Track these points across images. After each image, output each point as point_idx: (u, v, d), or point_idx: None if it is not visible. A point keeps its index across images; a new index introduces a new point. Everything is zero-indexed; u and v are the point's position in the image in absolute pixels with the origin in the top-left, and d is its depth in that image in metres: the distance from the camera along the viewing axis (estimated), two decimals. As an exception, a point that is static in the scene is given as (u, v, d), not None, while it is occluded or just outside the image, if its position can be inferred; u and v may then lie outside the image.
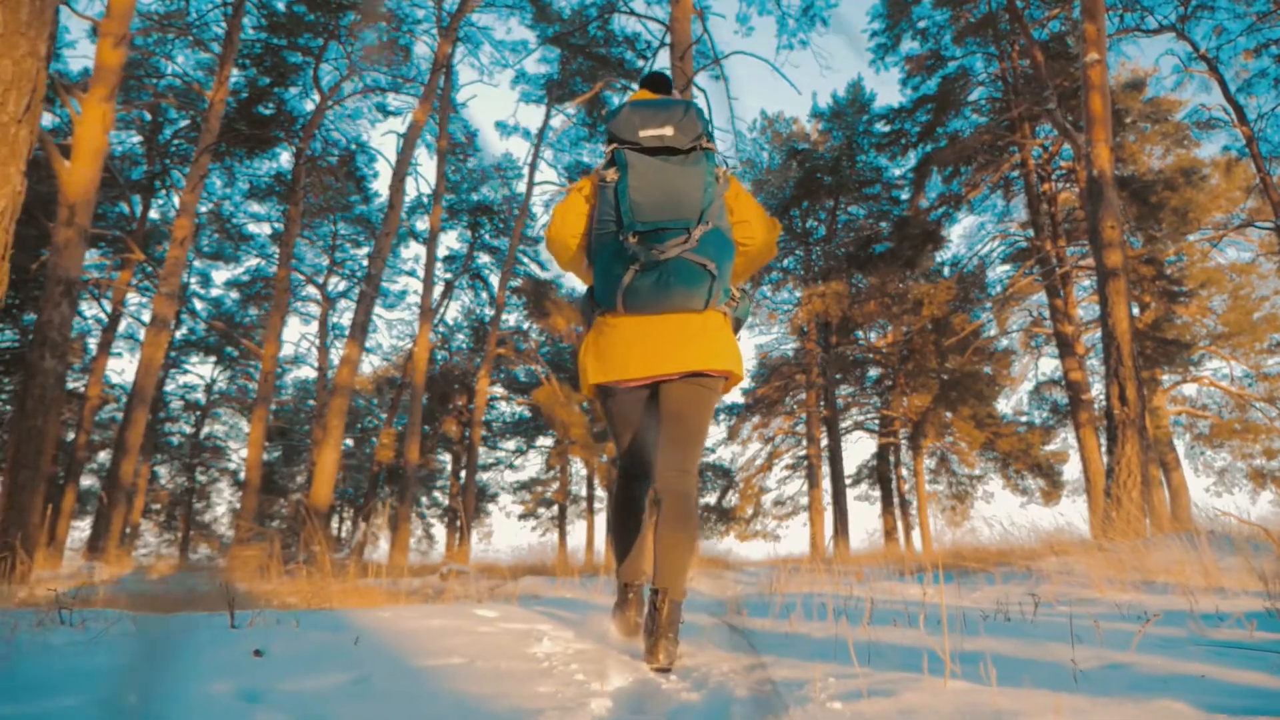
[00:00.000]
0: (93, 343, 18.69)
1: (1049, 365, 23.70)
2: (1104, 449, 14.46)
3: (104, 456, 21.41)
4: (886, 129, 17.66)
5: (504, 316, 20.01)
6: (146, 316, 16.00)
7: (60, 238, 5.88)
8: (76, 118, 6.17)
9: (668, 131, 1.77)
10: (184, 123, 16.61)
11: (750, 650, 1.66)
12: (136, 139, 17.25)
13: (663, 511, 1.65)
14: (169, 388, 22.97)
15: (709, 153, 1.79)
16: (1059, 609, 2.46)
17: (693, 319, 1.73)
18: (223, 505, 26.29)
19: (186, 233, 10.87)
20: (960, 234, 71.64)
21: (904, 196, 18.52)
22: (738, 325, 1.89)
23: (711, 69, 8.90)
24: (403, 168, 11.34)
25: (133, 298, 18.30)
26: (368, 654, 1.44)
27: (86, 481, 21.26)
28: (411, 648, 1.52)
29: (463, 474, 18.99)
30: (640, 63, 15.36)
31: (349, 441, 26.35)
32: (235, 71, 14.98)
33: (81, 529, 17.86)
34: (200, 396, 24.09)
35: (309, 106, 16.24)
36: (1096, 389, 18.41)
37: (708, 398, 1.75)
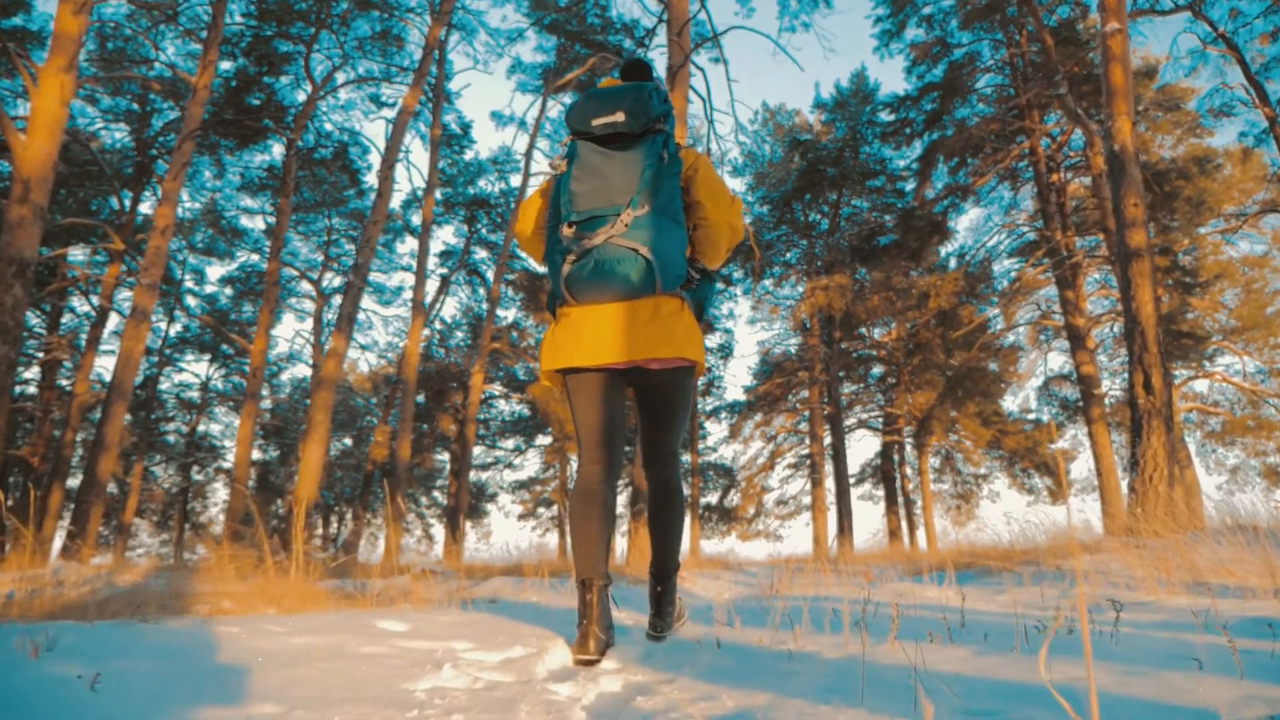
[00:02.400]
0: (82, 338, 18.36)
1: (1057, 361, 23.30)
2: (1115, 445, 14.08)
3: (95, 455, 21.07)
4: (891, 118, 17.26)
5: (502, 312, 19.64)
6: (134, 311, 15.64)
7: (13, 215, 5.50)
8: (33, 89, 5.80)
9: (619, 118, 1.73)
10: (174, 114, 16.28)
11: (738, 683, 1.25)
12: (125, 131, 16.93)
13: (648, 500, 1.64)
14: (163, 385, 22.62)
15: (660, 135, 1.74)
16: (1109, 616, 2.08)
17: (643, 305, 1.66)
18: (218, 505, 25.99)
19: (169, 221, 10.51)
20: (966, 226, 71.28)
21: (909, 188, 18.12)
22: (699, 309, 1.82)
23: (710, 47, 8.53)
24: (392, 154, 10.96)
25: (124, 294, 17.97)
26: (96, 704, 0.95)
27: (77, 480, 20.93)
28: (201, 687, 1.05)
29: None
30: (640, 51, 14.99)
31: (347, 440, 26.03)
32: (226, 63, 14.65)
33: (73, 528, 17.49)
34: (195, 394, 23.75)
35: (300, 97, 15.90)
36: (1107, 383, 18.03)
37: (671, 384, 1.72)
